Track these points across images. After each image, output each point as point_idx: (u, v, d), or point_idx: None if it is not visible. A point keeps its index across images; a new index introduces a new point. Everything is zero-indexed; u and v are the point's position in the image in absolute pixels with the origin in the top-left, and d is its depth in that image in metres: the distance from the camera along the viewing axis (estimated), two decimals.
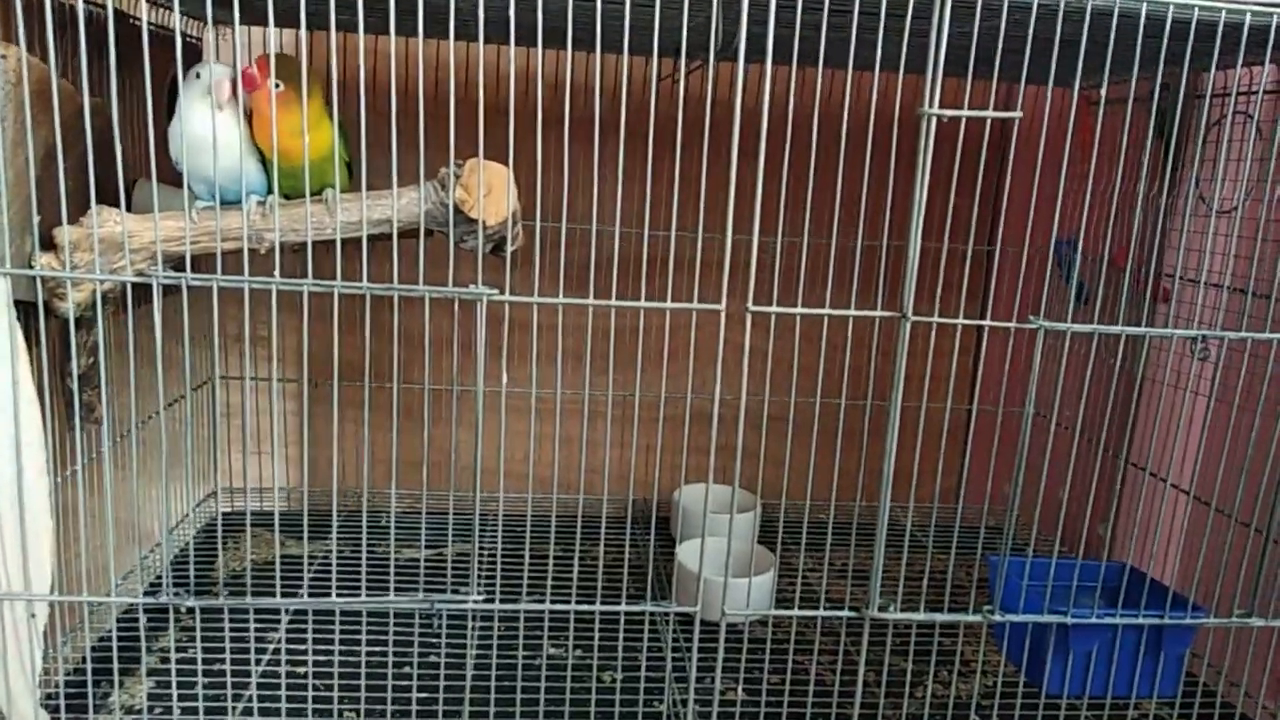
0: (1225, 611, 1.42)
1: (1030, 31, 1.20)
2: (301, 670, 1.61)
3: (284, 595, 1.49)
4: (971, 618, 1.40)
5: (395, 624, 1.70)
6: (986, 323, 1.32)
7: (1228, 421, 1.38)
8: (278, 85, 1.33)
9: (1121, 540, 1.89)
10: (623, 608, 1.39)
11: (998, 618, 1.39)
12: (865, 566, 2.14)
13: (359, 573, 1.70)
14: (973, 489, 2.38)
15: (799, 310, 1.25)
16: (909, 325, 1.24)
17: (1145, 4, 1.16)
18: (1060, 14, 1.19)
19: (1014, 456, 1.36)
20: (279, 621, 1.74)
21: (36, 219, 1.24)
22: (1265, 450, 1.37)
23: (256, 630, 1.69)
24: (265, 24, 1.24)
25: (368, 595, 1.40)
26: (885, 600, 1.35)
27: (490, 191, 1.36)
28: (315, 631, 1.68)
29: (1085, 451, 1.82)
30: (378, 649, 1.61)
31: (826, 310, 1.26)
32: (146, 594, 1.42)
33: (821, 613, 1.41)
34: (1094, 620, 1.42)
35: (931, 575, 2.07)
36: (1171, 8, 1.17)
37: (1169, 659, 1.57)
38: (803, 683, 1.65)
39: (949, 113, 1.16)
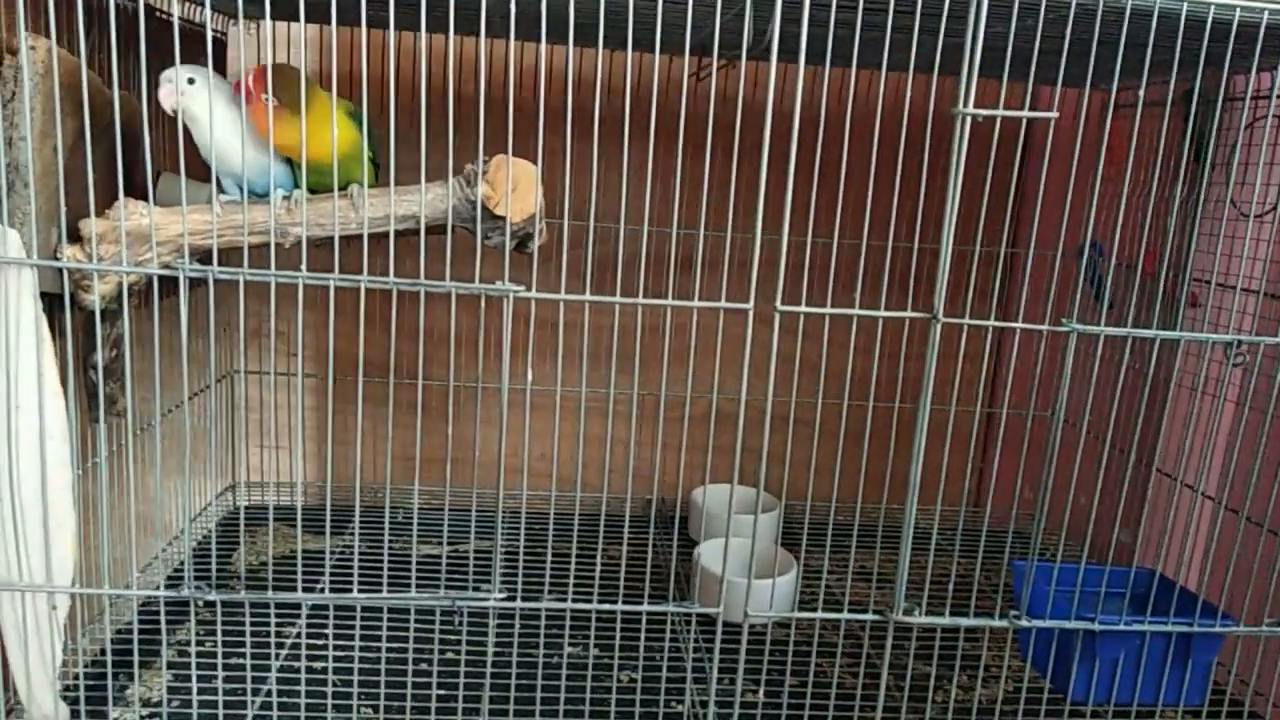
0: (1254, 620, 1.40)
1: (1068, 32, 1.19)
2: (320, 665, 1.61)
3: (304, 590, 1.48)
4: (998, 623, 1.38)
5: (415, 620, 1.70)
6: (1018, 325, 1.30)
7: (1258, 428, 1.36)
8: (275, 100, 1.32)
9: (1150, 547, 1.87)
10: (645, 608, 1.38)
11: (1024, 623, 1.37)
12: (887, 570, 2.12)
13: (379, 569, 1.68)
14: (998, 494, 2.36)
15: (828, 310, 1.24)
16: (939, 327, 1.23)
17: (1185, 4, 1.15)
18: (1099, 14, 1.17)
19: (1040, 461, 1.34)
20: (298, 616, 1.74)
21: (63, 210, 1.24)
22: None
23: (276, 624, 1.68)
24: (296, 19, 1.24)
25: (388, 591, 1.39)
26: (910, 604, 1.34)
27: (516, 188, 1.35)
28: (335, 627, 1.68)
29: (1113, 457, 1.80)
30: (398, 645, 1.61)
31: (856, 310, 1.25)
32: (166, 587, 1.42)
33: (846, 615, 1.40)
34: (1121, 627, 1.40)
35: (954, 580, 2.06)
36: (1213, 8, 1.15)
37: (1196, 667, 1.55)
38: (824, 686, 1.64)
39: (984, 112, 1.14)
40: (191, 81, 1.33)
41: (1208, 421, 1.44)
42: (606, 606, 1.39)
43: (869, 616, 1.39)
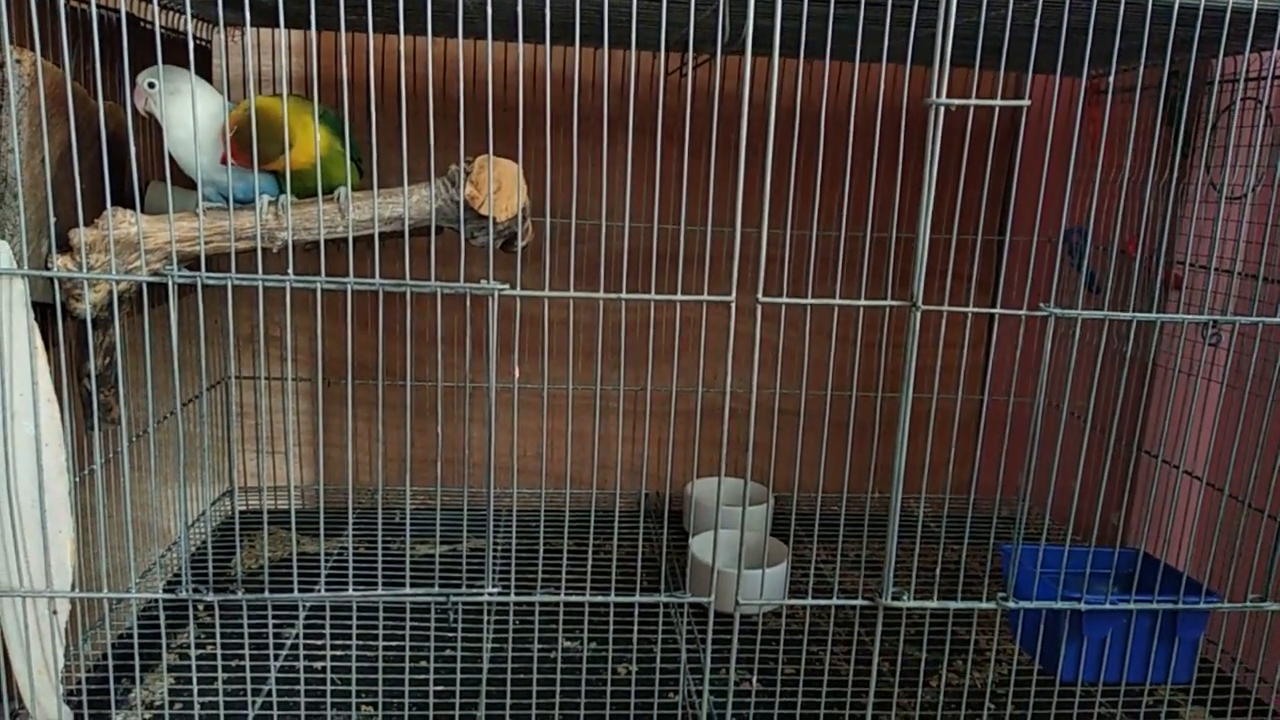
0: (1239, 597, 1.42)
1: (1037, 20, 1.20)
2: (319, 665, 1.62)
3: (301, 590, 1.50)
4: (985, 605, 1.40)
5: (411, 618, 1.71)
6: (997, 310, 1.33)
7: (1240, 407, 1.38)
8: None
9: (1136, 527, 1.89)
10: (637, 598, 1.40)
11: (1012, 605, 1.39)
12: (878, 558, 2.14)
13: (375, 569, 1.70)
14: (986, 479, 2.38)
15: (809, 300, 1.25)
16: (919, 315, 1.24)
17: None
18: (1066, 2, 1.19)
19: (1026, 446, 1.36)
20: (296, 617, 1.75)
21: (52, 221, 1.25)
22: (1278, 435, 1.37)
23: (274, 625, 1.70)
24: (275, 26, 1.25)
25: (384, 589, 1.41)
26: (899, 589, 1.35)
27: (500, 188, 1.37)
28: (332, 626, 1.70)
29: (1098, 439, 1.82)
30: (394, 643, 1.63)
31: (836, 300, 1.27)
32: (165, 590, 1.44)
33: (835, 601, 1.42)
34: (1108, 606, 1.42)
35: (945, 565, 2.07)
36: None
37: (1183, 644, 1.57)
38: (817, 673, 1.66)
39: (956, 102, 1.16)
40: (152, 85, 1.35)
41: (1184, 401, 1.46)
42: (599, 598, 1.41)
43: (858, 602, 1.41)
